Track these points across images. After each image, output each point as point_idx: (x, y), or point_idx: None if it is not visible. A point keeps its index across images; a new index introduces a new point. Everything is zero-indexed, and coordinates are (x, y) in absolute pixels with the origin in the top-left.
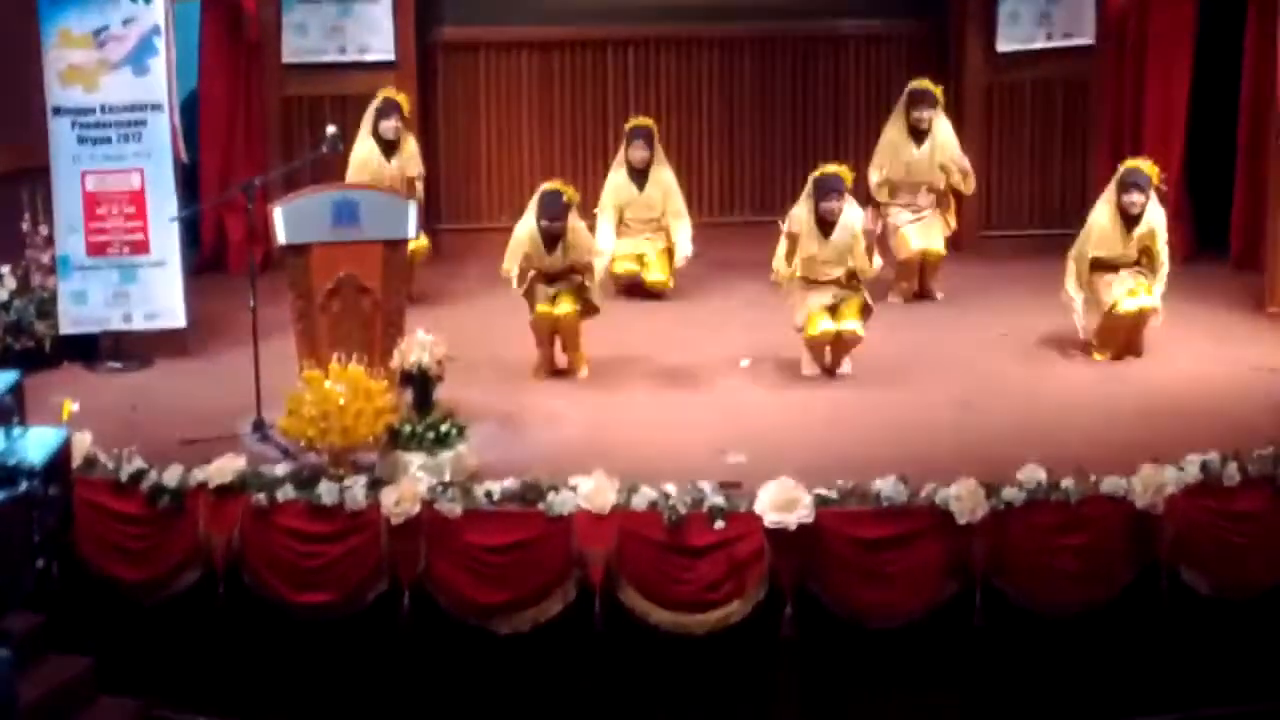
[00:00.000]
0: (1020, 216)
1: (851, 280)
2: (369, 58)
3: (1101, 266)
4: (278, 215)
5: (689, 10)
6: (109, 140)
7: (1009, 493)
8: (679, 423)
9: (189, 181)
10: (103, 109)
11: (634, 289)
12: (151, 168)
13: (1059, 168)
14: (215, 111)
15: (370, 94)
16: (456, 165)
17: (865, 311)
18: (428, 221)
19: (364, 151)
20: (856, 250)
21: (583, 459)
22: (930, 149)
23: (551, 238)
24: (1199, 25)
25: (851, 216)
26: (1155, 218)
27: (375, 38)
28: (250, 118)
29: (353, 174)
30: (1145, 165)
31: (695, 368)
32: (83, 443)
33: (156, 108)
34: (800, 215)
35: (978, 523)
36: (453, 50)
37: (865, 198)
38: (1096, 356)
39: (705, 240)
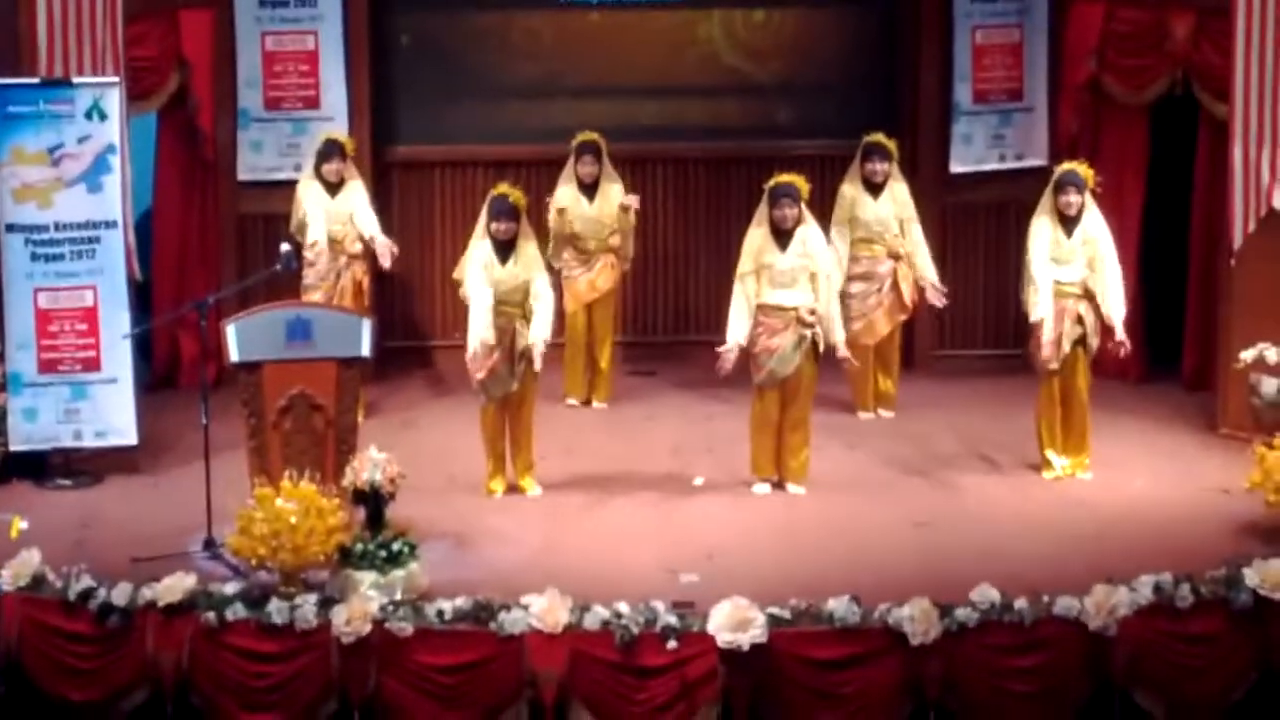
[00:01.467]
0: (974, 336)
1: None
2: None
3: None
4: (230, 332)
5: (642, 129)
6: (62, 257)
7: (962, 613)
8: (632, 541)
9: (142, 298)
10: (56, 226)
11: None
12: (104, 285)
13: (1012, 288)
14: (169, 228)
15: None
16: (410, 282)
17: (815, 352)
18: (380, 339)
19: (309, 190)
20: (821, 292)
21: (535, 578)
22: (888, 202)
23: (503, 245)
24: (1151, 147)
25: (814, 240)
26: (1096, 226)
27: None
28: (205, 235)
29: (306, 207)
30: (1080, 167)
31: (649, 485)
32: (31, 561)
33: (110, 225)
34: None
35: (931, 643)
36: (407, 168)
37: None
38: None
39: (659, 359)
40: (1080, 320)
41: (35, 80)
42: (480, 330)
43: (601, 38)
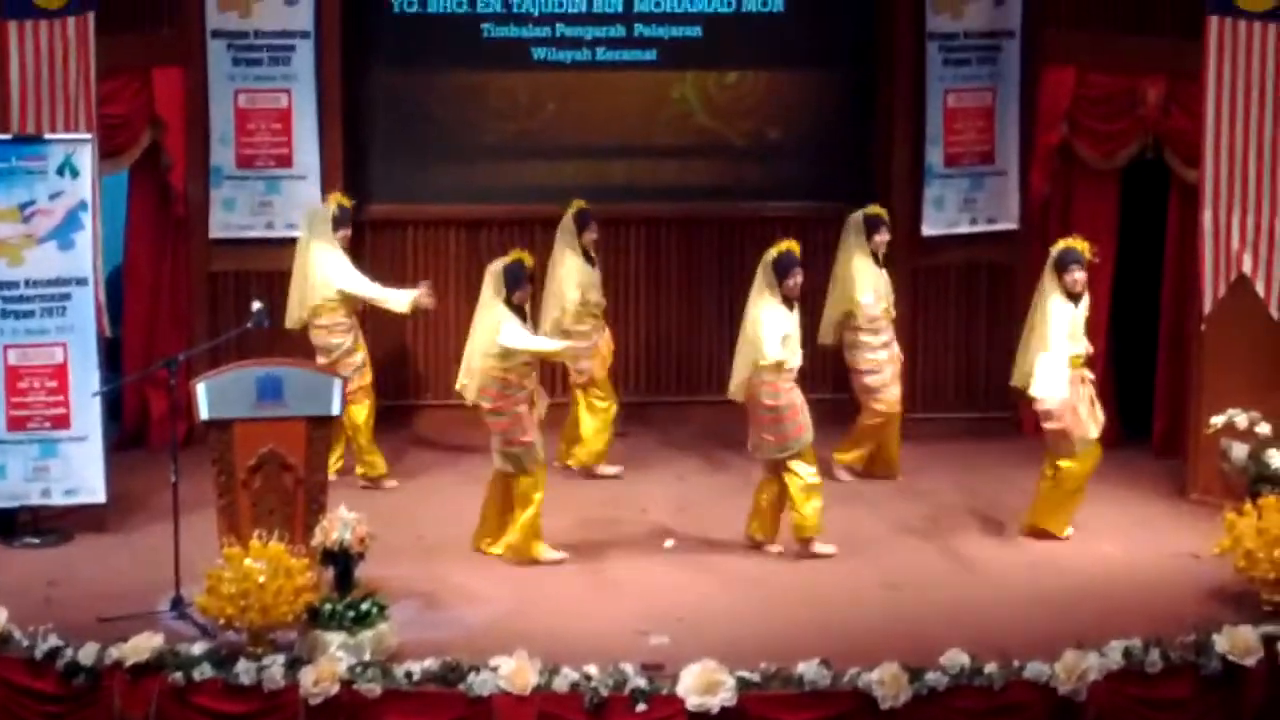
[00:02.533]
0: (945, 399)
1: None
2: (296, 233)
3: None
4: (200, 391)
5: (615, 189)
6: (32, 314)
7: (932, 677)
8: (601, 603)
9: (112, 355)
10: (27, 283)
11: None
12: (75, 342)
13: (983, 351)
14: (140, 286)
15: None
16: (383, 341)
17: None
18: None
19: (338, 255)
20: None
21: (504, 639)
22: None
23: (522, 311)
24: (1121, 211)
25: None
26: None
27: (303, 214)
28: (176, 292)
29: (341, 265)
30: (1078, 244)
31: (619, 547)
32: None
33: (81, 282)
34: None
35: (900, 707)
36: (381, 227)
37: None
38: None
39: (630, 419)
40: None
41: (7, 136)
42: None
43: (576, 98)
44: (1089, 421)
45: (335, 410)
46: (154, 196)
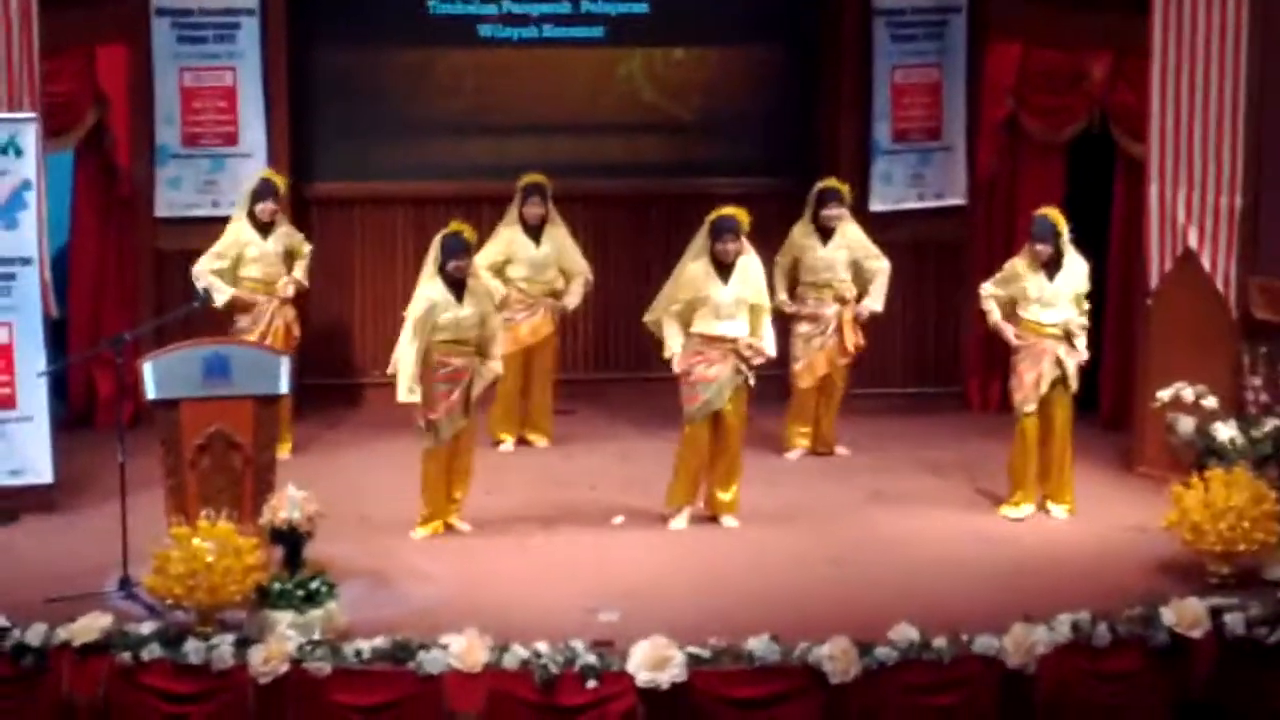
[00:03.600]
0: (892, 374)
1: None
2: None
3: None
4: (147, 370)
5: (561, 166)
6: None
7: (882, 651)
8: (551, 580)
9: (58, 335)
10: None
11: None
12: (20, 322)
13: (931, 326)
14: (86, 265)
15: None
16: (330, 320)
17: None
18: (300, 376)
19: (239, 231)
20: (758, 325)
21: (454, 617)
22: (840, 247)
23: (458, 284)
24: (1068, 186)
25: (754, 271)
26: (1080, 270)
27: None
28: (122, 271)
29: (224, 247)
30: (1051, 213)
31: (568, 523)
32: None
33: (26, 262)
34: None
35: (850, 682)
36: (326, 205)
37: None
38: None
39: (579, 396)
40: (1059, 363)
41: None
42: (409, 383)
43: (522, 75)
44: (1031, 391)
45: (283, 389)
46: (99, 175)
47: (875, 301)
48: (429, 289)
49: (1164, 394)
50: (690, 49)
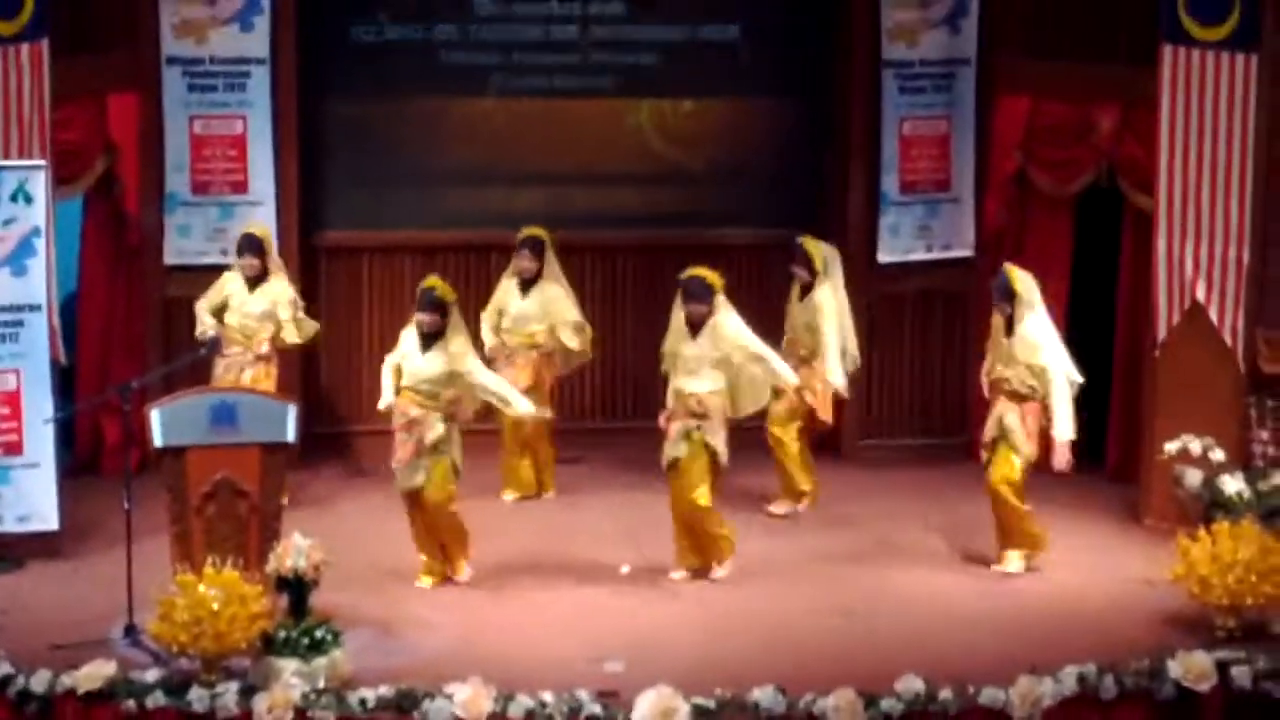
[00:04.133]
0: (900, 425)
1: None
2: None
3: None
4: (154, 417)
5: (571, 216)
6: None
7: (887, 703)
8: (557, 630)
9: (66, 382)
10: None
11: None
12: (28, 369)
13: (939, 378)
14: (94, 312)
15: None
16: (338, 368)
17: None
18: (308, 424)
19: (227, 279)
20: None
21: (459, 666)
22: (807, 307)
23: (426, 336)
24: (1076, 238)
25: (726, 328)
26: (1035, 331)
27: None
28: (130, 319)
29: (211, 293)
30: (1008, 270)
31: (574, 573)
32: None
33: (35, 308)
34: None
35: None
36: (335, 254)
37: None
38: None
39: (585, 444)
40: (1000, 422)
41: None
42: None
43: (533, 125)
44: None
45: (290, 437)
46: (108, 223)
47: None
48: (405, 333)
49: (1171, 446)
50: (699, 100)
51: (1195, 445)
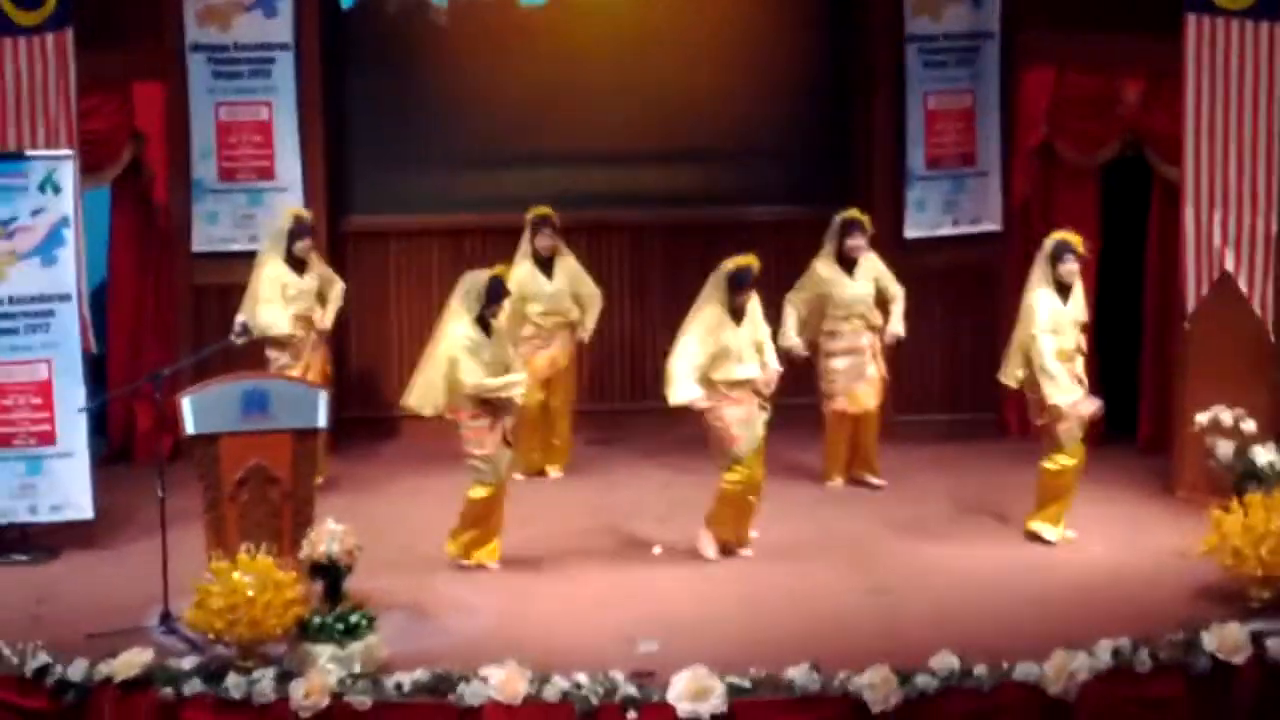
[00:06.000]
0: (930, 400)
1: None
2: None
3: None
4: (186, 405)
5: (598, 196)
6: (16, 331)
7: (922, 680)
8: (591, 611)
9: (97, 371)
10: (10, 300)
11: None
12: (59, 358)
13: (968, 352)
14: (124, 301)
15: None
16: (366, 353)
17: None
18: (336, 409)
19: (277, 271)
20: (766, 355)
21: (494, 649)
22: (867, 278)
23: (489, 326)
24: (1103, 210)
25: (757, 308)
26: (1079, 295)
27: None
28: (160, 307)
29: (266, 290)
30: (1072, 236)
31: (607, 554)
32: None
33: (65, 298)
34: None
35: (891, 710)
36: (363, 238)
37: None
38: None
39: (614, 426)
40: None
41: None
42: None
43: (557, 105)
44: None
45: (321, 423)
46: (136, 211)
47: (899, 325)
48: (465, 328)
49: (1202, 418)
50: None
51: (1226, 416)
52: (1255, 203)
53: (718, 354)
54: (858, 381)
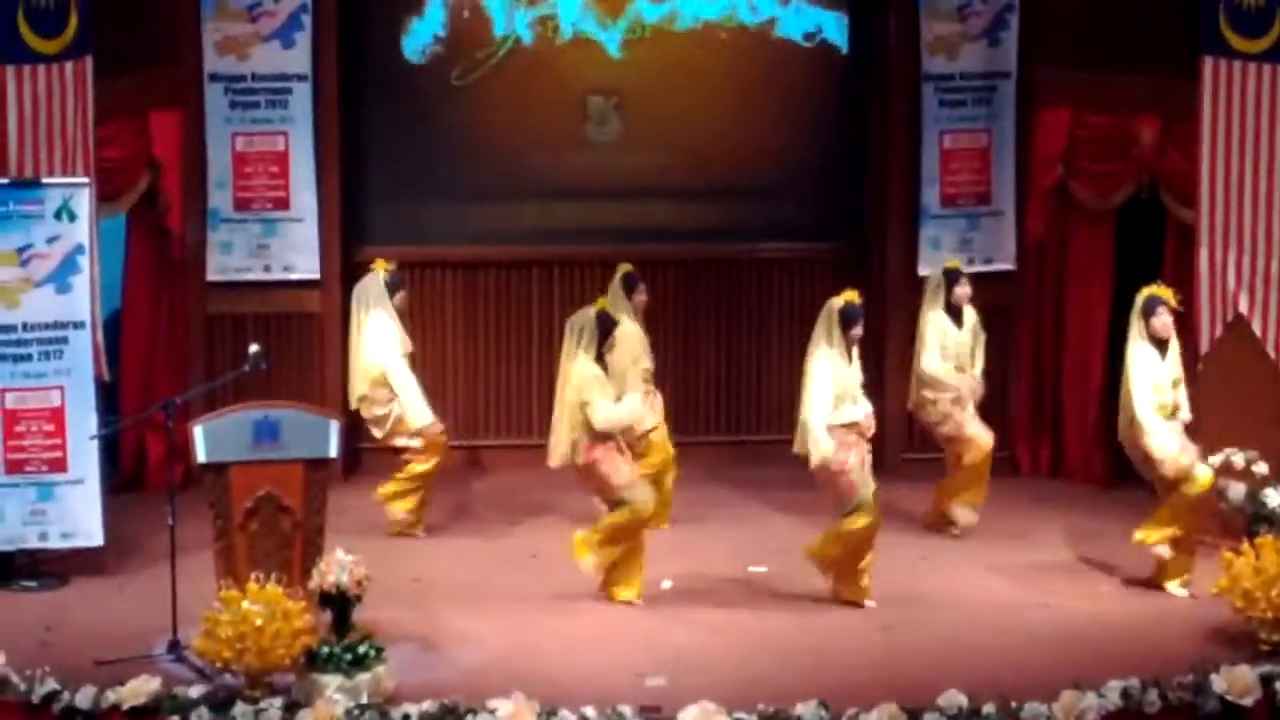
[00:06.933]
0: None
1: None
2: (294, 276)
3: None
4: (198, 434)
5: (612, 231)
6: (30, 358)
7: (930, 718)
8: (599, 644)
9: (110, 398)
10: (24, 327)
11: None
12: (72, 386)
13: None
14: (138, 329)
15: (295, 312)
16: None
17: None
18: (350, 440)
19: (392, 328)
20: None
21: (501, 681)
22: (968, 329)
23: (604, 364)
24: (1117, 251)
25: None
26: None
27: (301, 256)
28: (173, 335)
29: (395, 347)
30: (1160, 289)
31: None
32: None
33: (79, 325)
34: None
35: None
36: None
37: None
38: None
39: None
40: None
41: (5, 180)
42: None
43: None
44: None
45: (332, 452)
46: (151, 239)
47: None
48: (589, 366)
49: (1215, 460)
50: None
51: (1239, 458)
52: (1270, 245)
53: (838, 396)
54: (972, 425)
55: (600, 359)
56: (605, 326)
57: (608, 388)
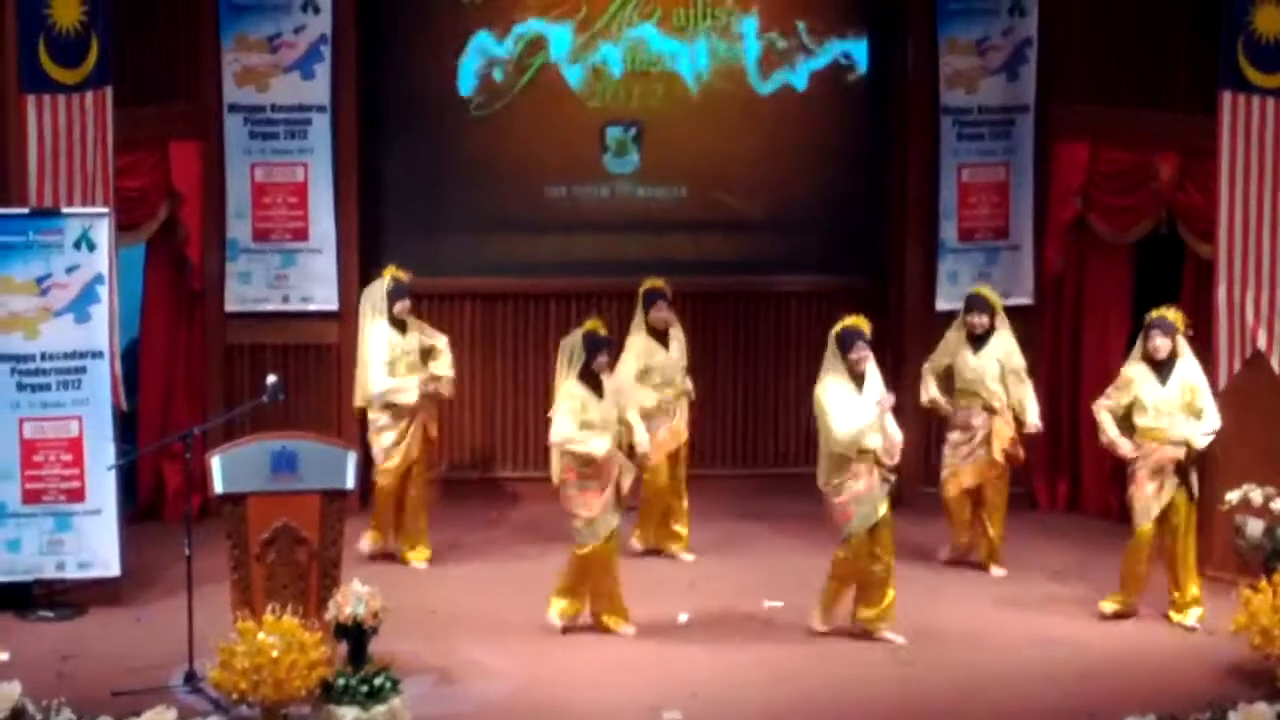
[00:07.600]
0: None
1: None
2: (312, 307)
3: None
4: (215, 464)
5: (630, 263)
6: (48, 387)
7: None
8: (615, 678)
9: (128, 428)
10: (43, 356)
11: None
12: (90, 415)
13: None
14: (156, 359)
15: (313, 343)
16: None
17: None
18: (367, 471)
19: (384, 333)
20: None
21: (517, 713)
22: (991, 358)
23: (597, 381)
24: (1135, 286)
25: (874, 368)
26: (1192, 372)
27: (319, 288)
28: (191, 365)
29: (390, 355)
30: (1170, 312)
31: (633, 621)
32: (11, 693)
33: (97, 355)
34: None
35: None
36: None
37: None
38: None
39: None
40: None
41: (25, 210)
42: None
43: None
44: (1152, 501)
45: (349, 484)
46: (170, 270)
47: (1033, 416)
48: (570, 386)
49: (1232, 496)
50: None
51: (1256, 495)
52: None
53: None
54: (965, 460)
55: (592, 377)
56: (592, 345)
57: (591, 408)
